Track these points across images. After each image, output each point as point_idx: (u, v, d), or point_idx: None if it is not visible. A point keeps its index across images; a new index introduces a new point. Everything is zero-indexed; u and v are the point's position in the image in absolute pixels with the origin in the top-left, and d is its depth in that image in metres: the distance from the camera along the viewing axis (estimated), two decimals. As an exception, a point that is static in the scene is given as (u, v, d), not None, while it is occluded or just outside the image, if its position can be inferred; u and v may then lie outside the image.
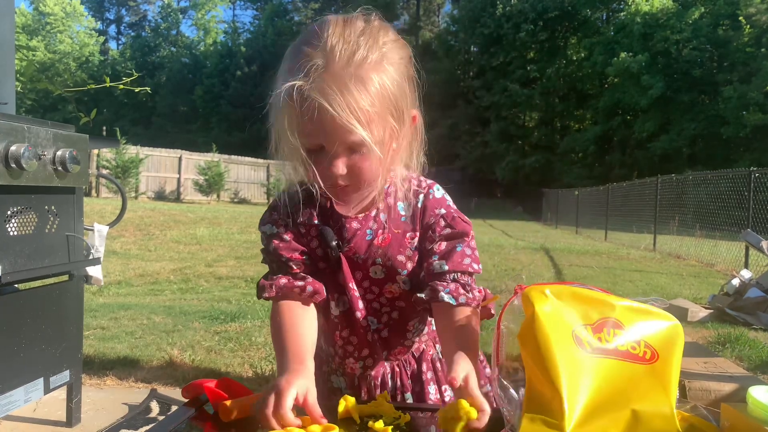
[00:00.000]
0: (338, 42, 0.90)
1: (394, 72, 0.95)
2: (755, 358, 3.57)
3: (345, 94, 0.87)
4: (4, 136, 1.77)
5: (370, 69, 0.91)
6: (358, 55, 0.91)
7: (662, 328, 0.85)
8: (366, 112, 0.89)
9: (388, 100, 0.93)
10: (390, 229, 1.05)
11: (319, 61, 0.88)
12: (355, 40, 0.92)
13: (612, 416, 0.77)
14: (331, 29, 0.92)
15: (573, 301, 0.84)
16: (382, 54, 0.94)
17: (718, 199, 10.56)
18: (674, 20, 26.46)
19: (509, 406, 0.81)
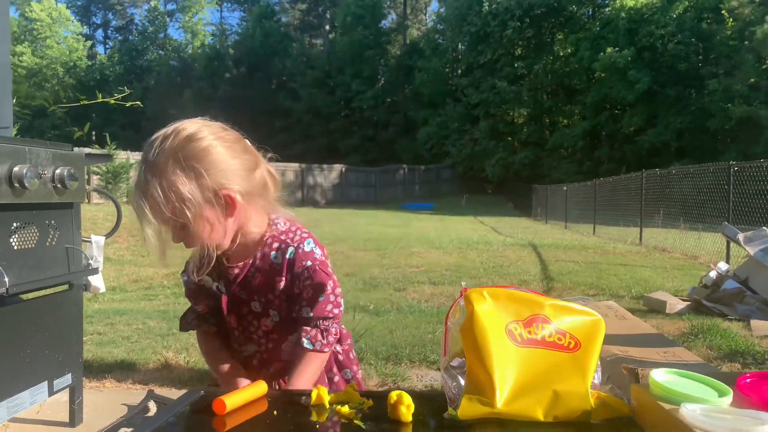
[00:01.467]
0: (153, 152, 1.21)
1: (172, 173, 1.19)
2: (725, 347, 3.75)
3: (147, 195, 1.18)
4: (7, 158, 1.91)
5: (162, 177, 1.18)
6: (156, 166, 1.20)
7: (585, 322, 1.01)
8: (161, 210, 1.17)
9: (173, 193, 1.17)
10: (263, 273, 1.33)
11: (140, 167, 1.21)
12: (162, 151, 1.21)
13: (536, 395, 0.93)
14: (156, 144, 1.22)
15: (507, 301, 1.00)
16: (168, 159, 1.20)
17: (700, 193, 10.78)
18: (659, 15, 26.75)
19: (454, 390, 0.97)
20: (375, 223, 16.24)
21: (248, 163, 1.27)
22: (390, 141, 41.36)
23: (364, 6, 41.68)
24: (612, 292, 6.19)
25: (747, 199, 9.02)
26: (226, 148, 1.24)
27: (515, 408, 0.92)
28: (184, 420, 0.99)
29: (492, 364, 0.93)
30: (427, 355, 3.59)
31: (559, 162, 31.83)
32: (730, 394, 0.88)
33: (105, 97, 3.35)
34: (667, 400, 0.89)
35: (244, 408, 1.02)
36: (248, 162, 1.27)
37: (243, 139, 1.32)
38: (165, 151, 1.19)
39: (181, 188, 1.17)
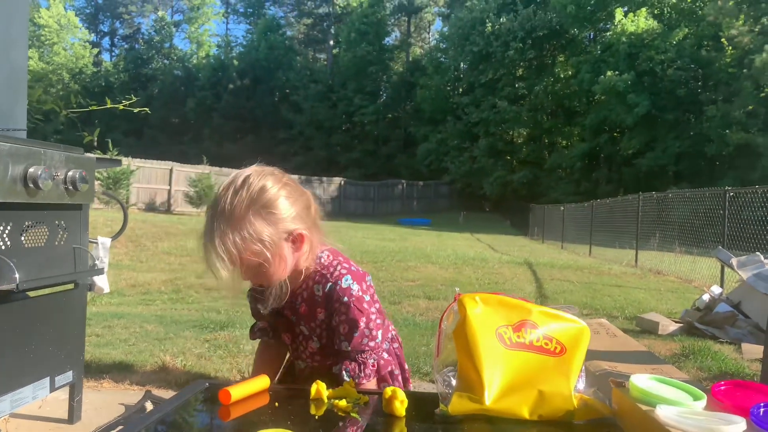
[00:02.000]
0: (225, 202, 1.31)
1: (255, 220, 1.31)
2: (715, 369, 3.80)
3: (213, 254, 1.29)
4: (24, 159, 1.98)
5: (241, 222, 1.29)
6: (236, 213, 1.30)
7: (571, 329, 1.08)
8: (236, 256, 1.28)
9: (254, 242, 1.30)
10: (306, 304, 1.47)
11: (209, 221, 1.32)
12: (232, 200, 1.31)
13: (523, 395, 0.99)
14: (221, 191, 1.34)
15: (498, 307, 1.07)
16: (249, 207, 1.32)
17: (696, 217, 10.86)
18: (659, 41, 27.03)
19: (445, 388, 1.03)
20: (372, 236, 16.29)
21: (306, 202, 1.44)
22: (390, 156, 41.56)
23: (368, 23, 42.06)
24: (605, 312, 6.24)
25: (742, 224, 9.11)
26: (290, 192, 1.39)
27: (503, 405, 0.98)
28: (190, 408, 1.05)
29: (482, 364, 1.00)
30: (421, 366, 3.64)
31: (557, 182, 31.98)
32: (704, 399, 0.95)
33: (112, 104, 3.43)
34: (645, 403, 0.95)
35: (246, 400, 1.08)
36: (306, 201, 1.44)
37: (294, 181, 1.48)
38: (242, 202, 1.30)
39: (262, 233, 1.30)
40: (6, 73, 2.41)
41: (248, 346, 4.01)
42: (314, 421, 0.99)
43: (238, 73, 45.21)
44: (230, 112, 43.23)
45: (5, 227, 2.00)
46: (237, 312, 5.55)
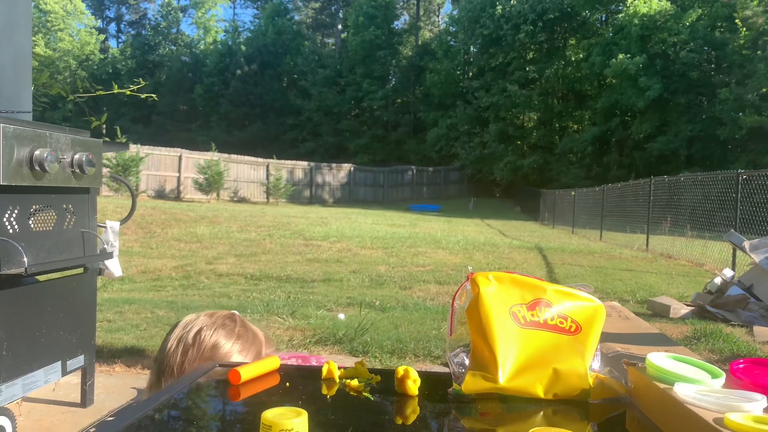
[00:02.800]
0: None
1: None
2: (727, 351, 3.77)
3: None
4: (29, 142, 1.97)
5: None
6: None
7: (586, 308, 1.06)
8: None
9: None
10: None
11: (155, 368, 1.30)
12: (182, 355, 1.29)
13: (537, 373, 0.97)
14: (170, 343, 1.29)
15: (511, 285, 1.05)
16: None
17: (708, 201, 10.76)
18: (672, 22, 26.65)
19: (458, 368, 1.01)
20: (382, 222, 16.29)
21: (258, 350, 1.40)
22: (399, 141, 41.40)
23: (376, 6, 41.74)
24: (617, 296, 6.21)
25: (755, 208, 9.01)
26: (242, 345, 1.36)
27: (517, 384, 0.96)
28: (200, 389, 1.04)
29: (495, 343, 0.98)
30: (432, 350, 3.64)
31: (567, 167, 31.78)
32: (722, 377, 0.92)
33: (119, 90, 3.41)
34: (662, 381, 0.93)
35: (257, 380, 1.06)
36: (258, 348, 1.40)
37: (247, 325, 1.43)
38: (192, 360, 1.29)
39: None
40: (11, 56, 2.39)
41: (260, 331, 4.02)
42: (326, 400, 0.98)
43: (246, 58, 45.07)
44: (238, 98, 43.18)
45: (12, 211, 1.99)
46: (248, 297, 5.57)
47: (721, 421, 0.76)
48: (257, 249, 9.11)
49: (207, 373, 1.10)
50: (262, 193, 25.49)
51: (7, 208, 1.97)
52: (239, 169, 24.71)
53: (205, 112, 44.38)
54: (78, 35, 45.45)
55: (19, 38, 2.54)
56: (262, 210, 17.81)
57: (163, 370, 1.26)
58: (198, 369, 1.10)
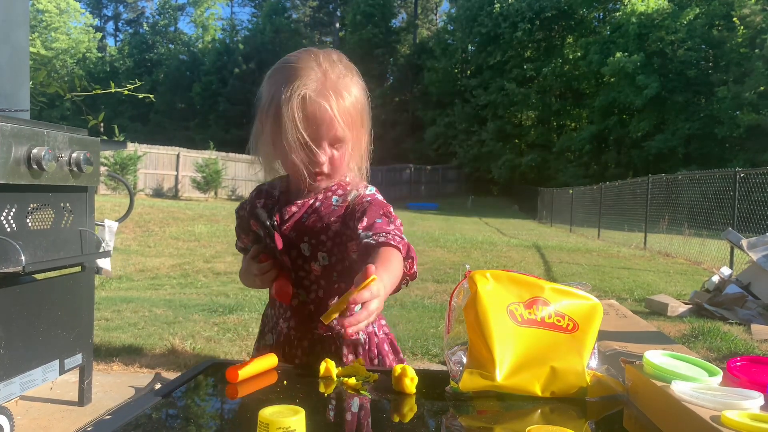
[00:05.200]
0: (329, 66, 1.21)
1: (362, 94, 1.27)
2: (725, 349, 3.78)
3: (338, 100, 1.18)
4: (27, 140, 1.97)
5: (351, 87, 1.23)
6: (343, 76, 1.22)
7: (584, 306, 1.06)
8: (347, 116, 1.21)
9: (359, 111, 1.25)
10: (319, 213, 1.28)
11: (319, 76, 1.18)
12: (339, 67, 1.23)
13: (535, 371, 0.97)
14: (321, 57, 1.22)
15: (509, 284, 1.05)
16: (355, 80, 1.26)
17: (706, 199, 10.77)
18: (669, 20, 26.65)
19: (456, 366, 1.01)
20: (380, 221, 16.23)
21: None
22: (397, 140, 41.35)
23: (374, 4, 41.68)
24: (615, 294, 6.21)
25: (752, 206, 9.02)
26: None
27: (514, 382, 0.96)
28: (198, 387, 1.04)
29: (493, 341, 0.98)
30: (429, 348, 3.64)
31: (565, 165, 31.79)
32: (719, 374, 0.93)
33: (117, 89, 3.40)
34: (659, 379, 0.93)
35: (255, 379, 1.06)
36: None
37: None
38: (350, 72, 1.24)
39: (363, 107, 1.26)
40: (8, 54, 2.39)
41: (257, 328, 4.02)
42: (323, 398, 0.98)
43: (244, 57, 44.98)
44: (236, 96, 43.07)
45: (10, 209, 1.99)
46: (246, 296, 5.57)
47: (718, 418, 0.76)
48: (255, 247, 9.09)
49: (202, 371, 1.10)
50: (260, 192, 25.47)
51: (5, 206, 1.97)
52: (237, 167, 24.68)
53: (203, 110, 44.29)
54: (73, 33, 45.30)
55: (16, 36, 2.53)
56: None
57: (329, 69, 1.20)
58: (194, 368, 1.10)
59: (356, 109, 1.23)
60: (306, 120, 1.16)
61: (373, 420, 0.88)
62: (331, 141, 1.21)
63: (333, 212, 1.28)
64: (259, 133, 1.28)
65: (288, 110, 1.16)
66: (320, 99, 1.16)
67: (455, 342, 1.05)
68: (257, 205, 1.34)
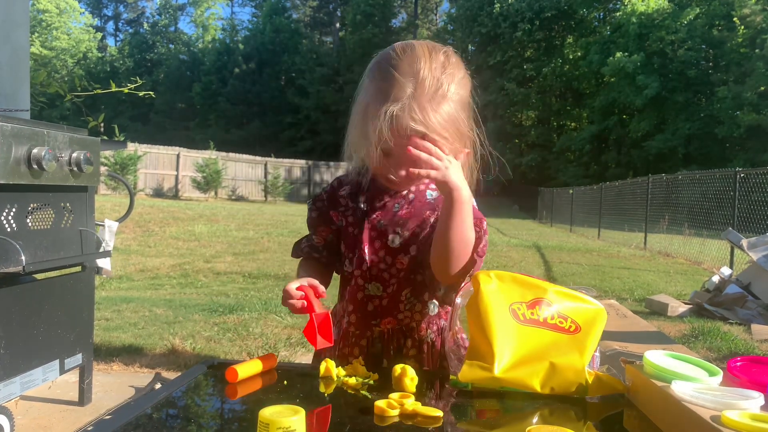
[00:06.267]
0: (427, 75, 1.14)
1: (458, 104, 1.19)
2: (725, 349, 3.78)
3: (426, 118, 1.13)
4: (27, 140, 1.97)
5: (446, 102, 1.16)
6: (441, 90, 1.15)
7: (587, 309, 1.06)
8: (439, 132, 1.14)
9: (452, 125, 1.18)
10: (414, 206, 1.26)
11: (410, 90, 1.13)
12: (439, 76, 1.16)
13: (534, 366, 0.98)
14: (422, 62, 1.16)
15: (512, 284, 1.05)
16: (456, 90, 1.19)
17: (706, 199, 10.77)
18: (669, 20, 26.65)
19: (458, 362, 1.01)
20: (380, 221, 16.25)
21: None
22: (397, 140, 41.28)
23: (374, 4, 41.69)
24: (615, 294, 6.22)
25: (753, 206, 9.02)
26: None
27: (513, 376, 0.96)
28: (198, 387, 1.04)
29: (493, 335, 0.98)
30: (430, 348, 3.64)
31: (565, 165, 31.81)
32: (720, 374, 0.93)
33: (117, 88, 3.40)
34: (660, 379, 0.93)
35: (255, 379, 1.06)
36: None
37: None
38: (450, 78, 1.18)
39: (457, 117, 1.18)
40: (8, 54, 2.39)
41: (257, 328, 4.03)
42: (324, 399, 0.98)
43: (244, 57, 44.99)
44: (236, 96, 43.11)
45: (10, 209, 1.99)
46: (246, 296, 5.57)
47: (719, 418, 0.76)
48: (255, 247, 9.11)
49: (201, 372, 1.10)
50: (260, 192, 25.47)
51: (5, 206, 1.97)
52: (237, 167, 24.69)
53: (203, 110, 44.30)
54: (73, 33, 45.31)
55: (16, 36, 2.53)
56: (260, 208, 17.81)
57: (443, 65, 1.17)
58: (194, 368, 1.10)
59: (449, 124, 1.16)
60: (392, 137, 1.12)
61: (373, 420, 0.88)
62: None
63: (427, 205, 1.27)
64: (352, 123, 1.27)
65: (375, 123, 1.13)
66: (408, 119, 1.11)
67: (458, 340, 1.05)
68: (341, 194, 1.31)
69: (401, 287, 1.26)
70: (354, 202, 1.30)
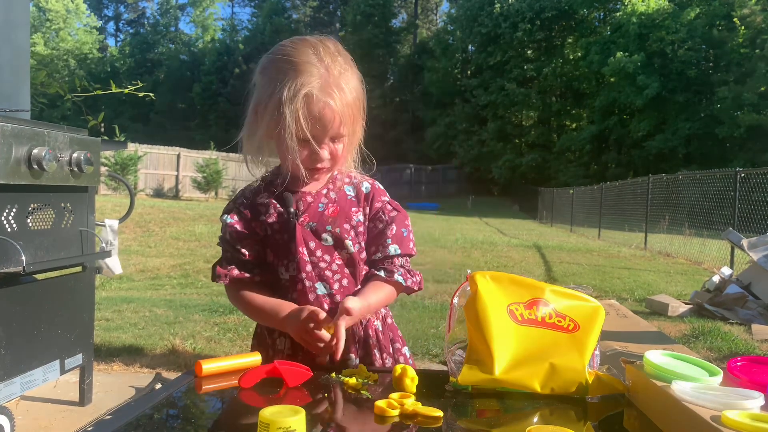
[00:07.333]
0: (330, 61, 1.19)
1: (359, 85, 1.25)
2: (725, 349, 3.78)
3: (341, 97, 1.17)
4: (28, 140, 1.97)
5: (350, 82, 1.21)
6: (344, 70, 1.21)
7: (586, 307, 1.06)
8: (349, 111, 1.20)
9: (358, 105, 1.24)
10: (338, 204, 1.29)
11: (322, 72, 1.17)
12: (339, 60, 1.21)
13: (534, 367, 0.98)
14: (321, 50, 1.19)
15: (510, 284, 1.05)
16: (353, 71, 1.24)
17: (707, 199, 10.77)
18: (670, 20, 26.64)
19: (456, 365, 1.01)
20: (380, 221, 16.24)
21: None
22: (397, 140, 41.37)
23: (374, 5, 41.70)
24: (615, 294, 6.21)
25: (753, 206, 9.01)
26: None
27: (513, 377, 0.96)
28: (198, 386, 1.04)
29: (492, 337, 0.98)
30: (430, 348, 3.64)
31: (566, 165, 31.79)
32: (720, 374, 0.93)
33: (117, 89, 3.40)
34: (660, 379, 0.93)
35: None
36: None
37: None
38: (348, 64, 1.23)
39: (362, 99, 1.24)
40: (8, 54, 2.39)
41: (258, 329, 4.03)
42: (324, 399, 0.98)
43: (244, 57, 44.98)
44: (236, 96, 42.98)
45: (11, 209, 1.99)
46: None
47: (719, 418, 0.76)
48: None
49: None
50: (260, 192, 25.50)
51: (5, 206, 1.97)
52: (238, 167, 24.67)
53: (204, 110, 44.31)
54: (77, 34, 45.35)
55: (17, 37, 2.54)
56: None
57: (331, 62, 1.19)
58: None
59: (356, 103, 1.22)
60: (311, 119, 1.15)
61: (373, 420, 0.88)
62: (332, 137, 1.21)
63: (350, 203, 1.30)
64: (253, 127, 1.28)
65: (291, 109, 1.14)
66: (326, 97, 1.15)
67: (456, 342, 1.05)
68: (259, 201, 1.29)
69: (352, 284, 1.29)
70: (280, 207, 1.27)
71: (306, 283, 1.24)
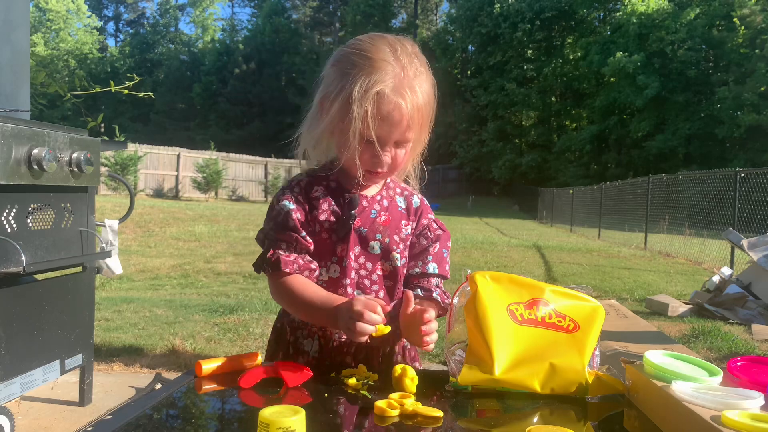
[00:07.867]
0: (407, 61, 1.15)
1: (432, 91, 1.20)
2: (725, 349, 3.78)
3: (413, 99, 1.13)
4: (27, 141, 1.97)
5: (423, 85, 1.17)
6: (420, 73, 1.17)
7: (585, 307, 1.06)
8: (419, 116, 1.16)
9: (429, 111, 1.20)
10: (390, 213, 1.26)
11: (397, 72, 1.12)
12: (415, 62, 1.17)
13: (534, 367, 0.98)
14: (399, 50, 1.15)
15: (509, 284, 1.05)
16: (427, 75, 1.19)
17: (707, 199, 10.77)
18: (669, 21, 26.63)
19: (456, 364, 1.01)
20: (380, 221, 16.24)
21: None
22: (397, 140, 41.30)
23: (374, 5, 41.71)
24: (615, 294, 6.21)
25: (753, 206, 9.01)
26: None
27: (512, 377, 0.96)
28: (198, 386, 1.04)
29: (492, 337, 0.98)
30: (430, 348, 3.64)
31: (566, 165, 31.78)
32: (720, 374, 0.93)
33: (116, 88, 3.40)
34: (660, 379, 0.93)
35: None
36: None
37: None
38: (424, 67, 1.18)
39: (432, 105, 1.20)
40: (8, 55, 2.39)
41: (257, 329, 4.03)
42: (323, 398, 0.98)
43: (244, 57, 45.02)
44: (236, 97, 43.12)
45: (10, 210, 1.99)
46: (247, 296, 5.57)
47: (719, 418, 0.76)
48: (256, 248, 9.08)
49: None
50: (260, 192, 25.46)
51: (5, 206, 1.97)
52: (237, 167, 24.69)
53: (204, 110, 44.31)
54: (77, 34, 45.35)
55: (17, 37, 2.54)
56: (261, 209, 17.80)
57: (408, 61, 1.15)
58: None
59: (426, 109, 1.17)
60: (378, 118, 1.10)
61: (373, 420, 0.88)
62: (397, 141, 1.16)
63: (401, 214, 1.28)
64: (315, 119, 1.23)
65: (360, 105, 1.09)
66: (397, 98, 1.11)
67: (455, 342, 1.05)
68: (314, 195, 1.23)
69: (387, 297, 1.25)
70: (335, 205, 1.22)
71: (348, 289, 1.20)
